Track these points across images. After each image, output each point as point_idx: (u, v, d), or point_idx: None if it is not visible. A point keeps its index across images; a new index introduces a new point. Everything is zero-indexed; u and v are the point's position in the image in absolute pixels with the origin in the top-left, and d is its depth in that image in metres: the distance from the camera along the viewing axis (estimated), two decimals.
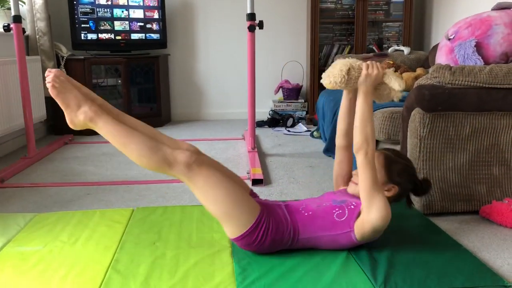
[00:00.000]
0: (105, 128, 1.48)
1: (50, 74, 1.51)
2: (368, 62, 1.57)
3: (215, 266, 1.48)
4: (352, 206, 1.52)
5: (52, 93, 1.52)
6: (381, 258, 1.52)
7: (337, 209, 1.53)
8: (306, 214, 1.53)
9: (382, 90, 1.59)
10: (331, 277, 1.40)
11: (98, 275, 1.43)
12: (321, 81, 1.59)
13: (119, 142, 1.48)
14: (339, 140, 1.71)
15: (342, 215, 1.51)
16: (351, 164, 1.72)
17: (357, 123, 1.50)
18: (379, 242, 1.62)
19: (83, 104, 1.48)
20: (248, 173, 2.58)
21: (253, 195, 1.66)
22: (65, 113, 1.54)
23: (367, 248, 1.58)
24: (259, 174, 2.50)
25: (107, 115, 1.50)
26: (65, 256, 1.55)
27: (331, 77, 1.56)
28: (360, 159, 1.47)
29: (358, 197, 1.53)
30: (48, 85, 1.51)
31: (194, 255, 1.55)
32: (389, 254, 1.54)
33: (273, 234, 1.49)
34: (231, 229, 1.49)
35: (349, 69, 1.55)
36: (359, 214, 1.50)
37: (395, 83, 1.55)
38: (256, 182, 2.44)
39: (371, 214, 1.45)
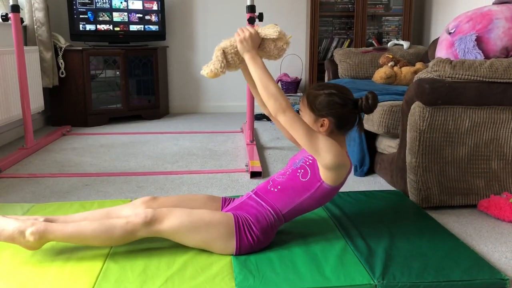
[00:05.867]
0: (57, 237, 1.44)
1: None
2: (238, 29, 1.55)
3: (213, 257, 1.48)
4: (310, 161, 1.52)
5: None
6: (379, 250, 1.52)
7: (299, 170, 1.53)
8: (275, 190, 1.54)
9: (267, 46, 1.56)
10: (329, 269, 1.40)
11: (95, 265, 1.43)
12: (201, 72, 1.56)
13: (77, 241, 1.47)
14: (264, 110, 1.70)
15: (306, 174, 1.51)
16: None
17: (260, 90, 1.48)
18: (377, 234, 1.62)
19: (24, 229, 1.42)
20: (246, 165, 2.58)
21: (227, 201, 1.67)
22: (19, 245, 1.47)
23: (365, 241, 1.58)
24: (257, 167, 2.50)
25: (52, 224, 1.45)
26: (62, 247, 1.55)
27: (210, 66, 1.55)
28: (282, 119, 1.45)
29: None
30: None
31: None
32: (387, 247, 1.54)
33: (258, 226, 1.49)
34: (223, 249, 1.49)
35: (223, 51, 1.55)
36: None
37: (270, 31, 1.52)
38: (254, 174, 2.44)
39: (324, 159, 1.44)
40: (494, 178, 1.97)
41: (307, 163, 1.52)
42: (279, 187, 1.54)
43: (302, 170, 1.52)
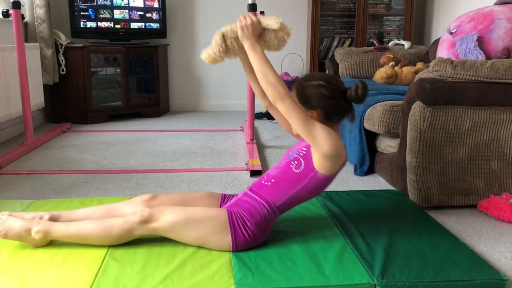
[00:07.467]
0: (61, 236, 1.50)
1: None
2: (240, 16, 1.55)
3: (212, 255, 1.47)
4: (304, 152, 1.51)
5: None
6: (379, 250, 1.52)
7: (292, 162, 1.52)
8: (269, 184, 1.53)
9: (267, 36, 1.56)
10: (328, 268, 1.40)
11: (95, 262, 1.43)
12: (200, 56, 1.57)
13: (78, 240, 1.51)
14: (262, 102, 1.69)
15: (299, 165, 1.50)
16: None
17: (259, 78, 1.49)
18: (376, 234, 1.62)
19: (30, 227, 1.49)
20: (246, 164, 2.58)
21: (226, 198, 1.66)
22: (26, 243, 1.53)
23: (365, 240, 1.58)
24: (257, 165, 2.50)
25: (56, 224, 1.51)
26: (62, 243, 1.55)
27: (209, 50, 1.56)
28: (280, 107, 1.45)
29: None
30: None
31: None
32: (387, 246, 1.54)
33: (253, 221, 1.48)
34: (219, 245, 1.49)
35: (223, 36, 1.55)
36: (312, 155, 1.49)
37: (272, 21, 1.52)
38: (254, 173, 2.44)
39: (322, 147, 1.43)
40: (494, 179, 1.97)
41: (301, 154, 1.52)
42: (272, 180, 1.54)
43: (296, 162, 1.52)
